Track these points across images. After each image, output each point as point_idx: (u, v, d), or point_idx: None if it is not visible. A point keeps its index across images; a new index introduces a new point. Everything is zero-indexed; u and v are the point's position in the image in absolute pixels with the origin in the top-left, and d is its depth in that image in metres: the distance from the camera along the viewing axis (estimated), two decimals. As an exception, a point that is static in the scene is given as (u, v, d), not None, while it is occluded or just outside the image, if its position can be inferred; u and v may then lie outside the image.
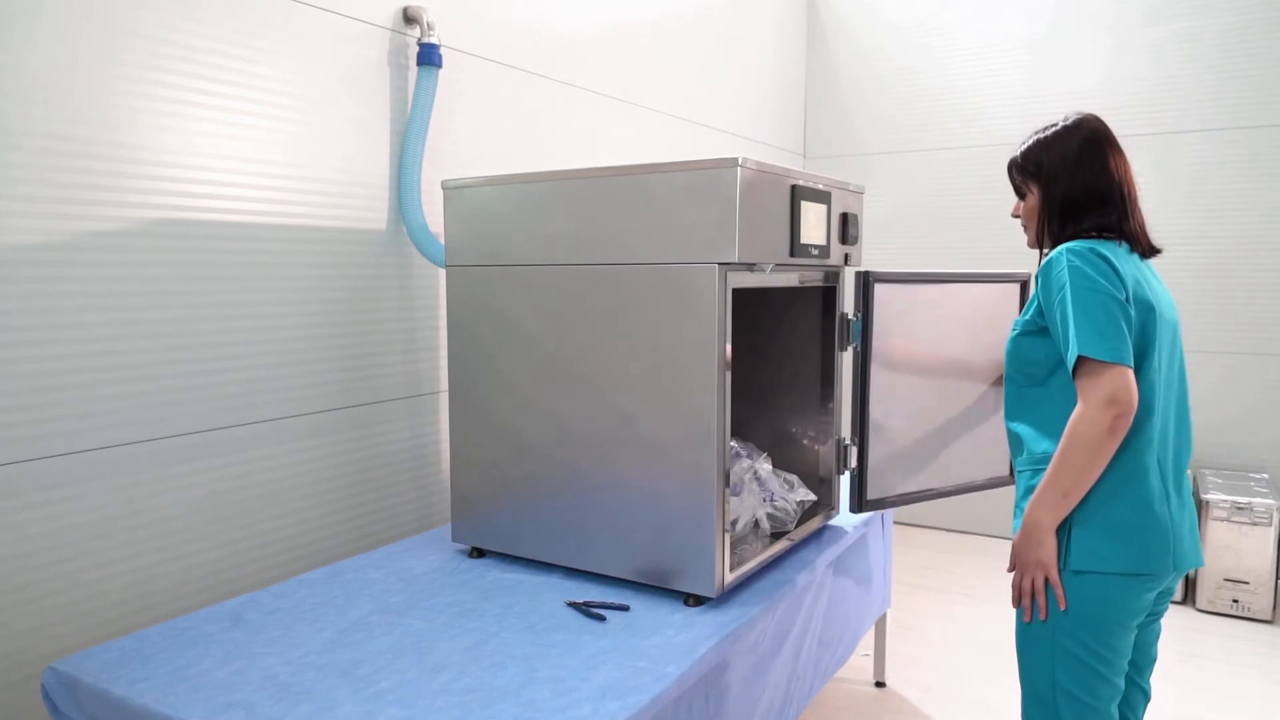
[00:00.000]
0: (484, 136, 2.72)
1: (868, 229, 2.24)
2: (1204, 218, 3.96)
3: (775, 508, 2.16)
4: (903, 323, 2.17)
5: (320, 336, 2.24)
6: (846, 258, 2.14)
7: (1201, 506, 3.58)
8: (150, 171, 1.85)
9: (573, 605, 1.79)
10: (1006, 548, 3.98)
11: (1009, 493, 2.08)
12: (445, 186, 2.05)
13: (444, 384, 2.60)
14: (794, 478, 2.25)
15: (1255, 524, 3.49)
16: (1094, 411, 1.50)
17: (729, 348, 1.74)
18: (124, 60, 1.79)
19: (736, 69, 4.22)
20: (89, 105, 1.74)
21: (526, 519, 2.00)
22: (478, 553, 2.12)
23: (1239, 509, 3.51)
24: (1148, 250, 1.70)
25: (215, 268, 1.99)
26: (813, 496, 2.23)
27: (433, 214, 2.47)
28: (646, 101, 3.52)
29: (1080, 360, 1.53)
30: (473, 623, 1.71)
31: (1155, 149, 4.01)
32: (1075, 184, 1.70)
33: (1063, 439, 1.56)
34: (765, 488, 2.17)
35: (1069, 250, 1.60)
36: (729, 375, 1.75)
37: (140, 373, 1.86)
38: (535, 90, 2.91)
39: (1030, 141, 1.80)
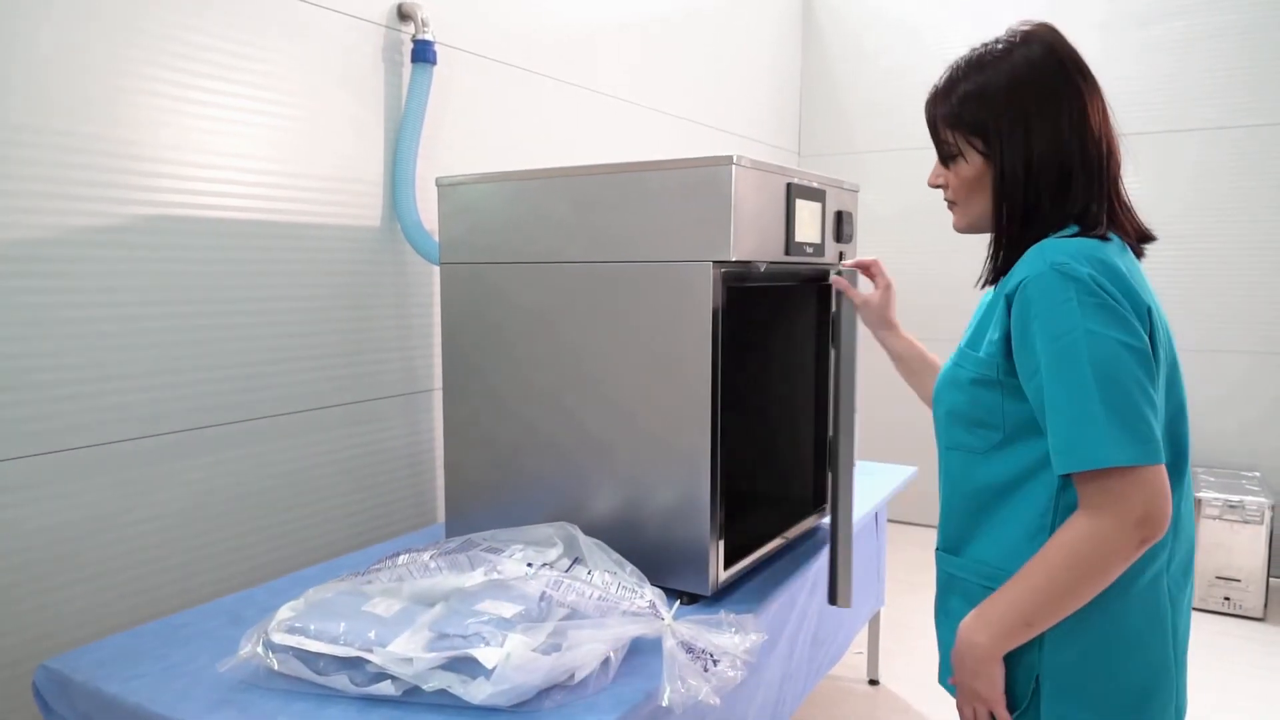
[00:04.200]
0: (478, 133, 2.71)
1: (862, 227, 2.24)
2: (1202, 217, 3.97)
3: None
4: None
5: (314, 333, 2.23)
6: (841, 256, 2.14)
7: (1194, 504, 3.59)
8: (148, 168, 1.84)
9: (567, 603, 1.78)
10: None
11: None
12: (439, 183, 2.05)
13: (438, 381, 2.60)
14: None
15: (1247, 522, 3.50)
16: (1119, 533, 1.02)
17: (723, 346, 1.74)
18: (128, 57, 1.78)
19: (732, 67, 4.21)
20: (91, 101, 1.73)
21: (520, 517, 2.00)
22: (472, 550, 2.11)
23: (1231, 507, 3.52)
24: (1141, 238, 1.21)
25: (209, 264, 1.98)
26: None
27: (427, 211, 2.46)
28: (642, 99, 3.52)
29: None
30: (467, 620, 1.71)
31: (1155, 148, 4.02)
32: (1044, 142, 1.17)
33: (1049, 554, 1.07)
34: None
35: (1061, 271, 1.06)
36: (723, 373, 1.75)
37: (133, 369, 1.85)
38: (530, 87, 2.91)
39: (963, 69, 1.24)
